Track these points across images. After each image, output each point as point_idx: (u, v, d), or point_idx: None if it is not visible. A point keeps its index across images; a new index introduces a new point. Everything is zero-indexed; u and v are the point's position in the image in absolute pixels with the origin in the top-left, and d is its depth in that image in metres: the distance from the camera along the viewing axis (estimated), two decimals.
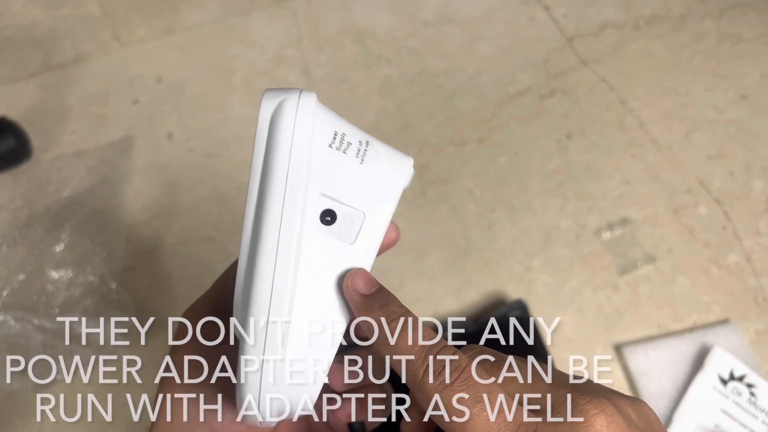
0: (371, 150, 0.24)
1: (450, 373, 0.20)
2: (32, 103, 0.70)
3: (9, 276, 0.56)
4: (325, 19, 0.74)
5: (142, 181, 0.64)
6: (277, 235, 0.22)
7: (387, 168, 0.24)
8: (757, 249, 0.58)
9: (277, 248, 0.22)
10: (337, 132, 0.24)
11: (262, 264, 0.22)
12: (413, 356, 0.21)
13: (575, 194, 0.61)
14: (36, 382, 0.52)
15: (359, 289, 0.23)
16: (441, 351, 0.21)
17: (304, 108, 0.23)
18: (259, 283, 0.22)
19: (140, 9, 0.76)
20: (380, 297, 0.22)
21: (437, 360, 0.20)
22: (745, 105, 0.66)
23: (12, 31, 0.75)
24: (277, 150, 0.22)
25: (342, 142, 0.24)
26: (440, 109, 0.67)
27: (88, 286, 0.57)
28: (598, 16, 0.73)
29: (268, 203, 0.22)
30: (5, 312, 0.53)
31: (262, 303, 0.21)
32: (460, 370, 0.20)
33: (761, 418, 0.49)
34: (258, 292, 0.22)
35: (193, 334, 0.26)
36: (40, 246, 0.58)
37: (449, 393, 0.19)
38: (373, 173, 0.24)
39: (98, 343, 0.54)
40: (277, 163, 0.22)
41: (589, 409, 0.19)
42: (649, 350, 0.52)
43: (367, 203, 0.24)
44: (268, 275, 0.21)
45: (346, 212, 0.23)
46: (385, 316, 0.22)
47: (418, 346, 0.21)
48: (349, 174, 0.23)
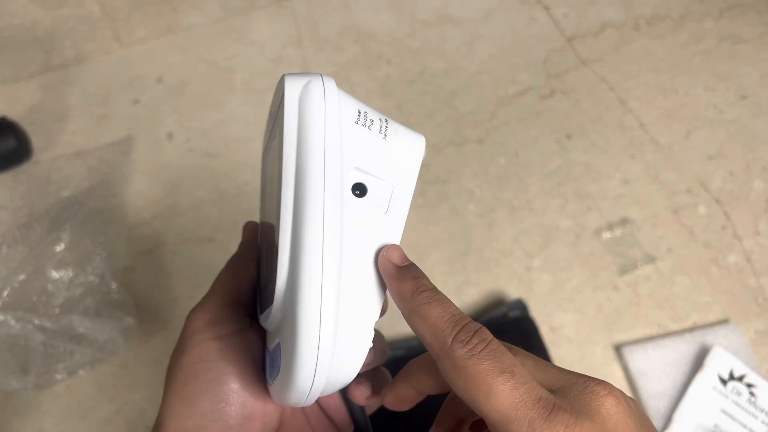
0: (391, 127, 0.25)
1: (477, 343, 0.20)
2: (32, 103, 0.70)
3: (9, 276, 0.56)
4: (325, 19, 0.74)
5: (142, 181, 0.64)
6: (322, 211, 0.22)
7: (406, 143, 0.26)
8: (756, 249, 0.58)
9: (323, 225, 0.21)
10: (360, 110, 0.25)
11: (310, 241, 0.21)
12: (443, 325, 0.21)
13: (575, 194, 0.61)
14: (36, 382, 0.52)
15: (394, 260, 0.23)
16: (468, 324, 0.21)
17: (330, 88, 0.23)
18: (308, 261, 0.21)
19: (140, 9, 0.76)
20: (412, 270, 0.23)
21: (465, 329, 0.21)
22: (745, 105, 0.66)
23: (12, 31, 0.75)
24: (311, 128, 0.22)
25: (366, 119, 0.25)
26: (440, 109, 0.67)
27: (89, 286, 0.57)
28: (598, 16, 0.73)
29: (308, 179, 0.22)
30: (5, 312, 0.53)
31: (314, 281, 0.21)
32: (486, 342, 0.21)
33: (761, 418, 0.49)
34: (308, 269, 0.21)
35: (205, 330, 0.26)
36: (41, 246, 0.58)
37: (477, 361, 0.20)
38: (395, 147, 0.25)
39: (98, 343, 0.54)
40: (312, 141, 0.22)
41: (599, 390, 0.20)
42: (649, 350, 0.52)
43: (394, 175, 0.25)
44: (317, 252, 0.21)
45: (377, 185, 0.24)
46: (417, 287, 0.23)
47: (449, 315, 0.22)
48: (375, 148, 0.24)
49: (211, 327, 0.26)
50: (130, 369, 0.55)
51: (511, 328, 0.53)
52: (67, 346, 0.53)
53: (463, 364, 0.20)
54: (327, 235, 0.21)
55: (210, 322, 0.26)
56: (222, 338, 0.26)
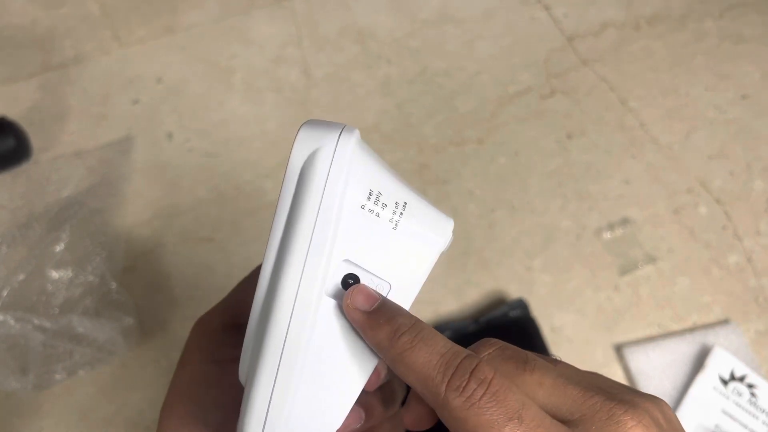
0: (407, 213, 0.22)
1: (476, 389, 0.18)
2: (32, 103, 0.70)
3: (9, 276, 0.56)
4: (325, 18, 0.74)
5: (142, 181, 0.64)
6: (292, 307, 0.20)
7: (422, 235, 0.22)
8: (757, 249, 0.58)
9: (290, 322, 0.20)
10: (372, 191, 0.21)
11: (272, 333, 0.20)
12: (432, 373, 0.19)
13: (575, 194, 0.61)
14: (36, 382, 0.52)
15: (360, 307, 0.21)
16: (462, 363, 0.19)
17: (338, 161, 0.20)
18: (267, 351, 0.20)
19: (140, 9, 0.76)
20: (384, 311, 0.21)
21: (458, 372, 0.18)
22: (746, 105, 0.66)
23: (11, 31, 0.75)
24: (304, 208, 0.20)
25: (377, 203, 0.21)
26: (440, 109, 0.67)
27: (88, 286, 0.56)
28: (599, 16, 0.73)
29: (288, 264, 0.20)
30: (5, 312, 0.53)
31: (269, 371, 0.20)
32: (486, 384, 0.18)
33: (762, 418, 0.49)
34: (266, 360, 0.20)
35: (206, 349, 0.26)
36: (40, 246, 0.58)
37: (477, 411, 0.17)
38: (406, 241, 0.22)
39: (98, 343, 0.54)
40: (302, 223, 0.20)
41: (626, 421, 0.17)
42: (650, 350, 0.52)
43: (395, 273, 0.22)
44: (271, 373, 0.20)
45: (371, 279, 0.22)
46: (394, 331, 0.20)
47: (437, 357, 0.19)
48: (379, 241, 0.21)
49: (210, 346, 0.25)
50: (130, 369, 0.54)
51: (512, 328, 0.53)
52: (66, 346, 0.53)
53: (464, 416, 0.17)
54: (285, 354, 0.20)
55: (212, 340, 0.26)
56: (219, 363, 0.25)
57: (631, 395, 0.19)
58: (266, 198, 0.62)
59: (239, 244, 0.60)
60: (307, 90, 0.69)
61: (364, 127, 0.65)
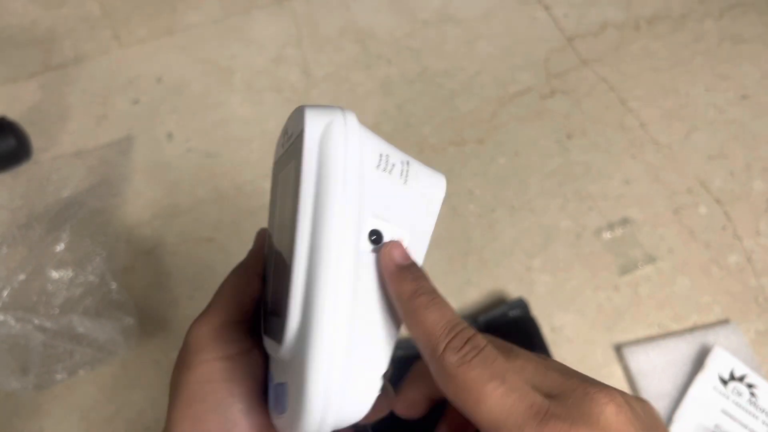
0: (412, 170, 0.25)
1: (469, 350, 0.20)
2: (32, 103, 0.70)
3: (9, 276, 0.56)
4: (325, 19, 0.74)
5: (142, 181, 0.64)
6: (337, 268, 0.21)
7: (427, 187, 0.25)
8: (757, 249, 0.58)
9: (338, 283, 0.21)
10: (382, 153, 0.24)
11: (323, 298, 0.21)
12: (437, 331, 0.21)
13: (575, 194, 0.61)
14: (36, 382, 0.52)
15: (395, 259, 0.23)
16: (463, 330, 0.21)
17: (352, 131, 0.22)
18: (320, 319, 0.21)
19: (140, 9, 0.76)
20: (413, 270, 0.23)
21: (459, 337, 0.21)
22: (746, 105, 0.66)
23: (12, 31, 0.75)
24: (331, 178, 0.22)
25: (387, 162, 0.24)
26: (440, 109, 0.67)
27: (89, 286, 0.57)
28: (599, 16, 0.73)
29: (325, 227, 0.21)
30: (5, 312, 0.53)
31: (325, 338, 0.21)
32: (478, 349, 0.20)
33: (761, 418, 0.49)
34: (320, 325, 0.21)
35: (212, 348, 0.26)
36: (41, 246, 0.58)
37: (467, 368, 0.20)
38: (415, 193, 0.24)
39: (98, 343, 0.54)
40: (332, 193, 0.22)
41: (600, 398, 0.19)
42: (650, 350, 0.52)
43: (410, 223, 0.24)
44: (330, 310, 0.21)
45: (393, 231, 0.24)
46: (416, 289, 0.22)
47: (443, 321, 0.21)
48: (395, 194, 0.24)
49: (216, 345, 0.26)
50: (130, 369, 0.55)
51: (512, 328, 0.53)
52: (67, 346, 0.53)
53: (454, 372, 0.20)
54: (340, 293, 0.21)
55: (215, 339, 0.26)
56: (228, 359, 0.26)
57: (613, 388, 0.21)
58: (266, 198, 0.62)
59: (239, 244, 0.60)
60: (307, 90, 0.69)
61: None
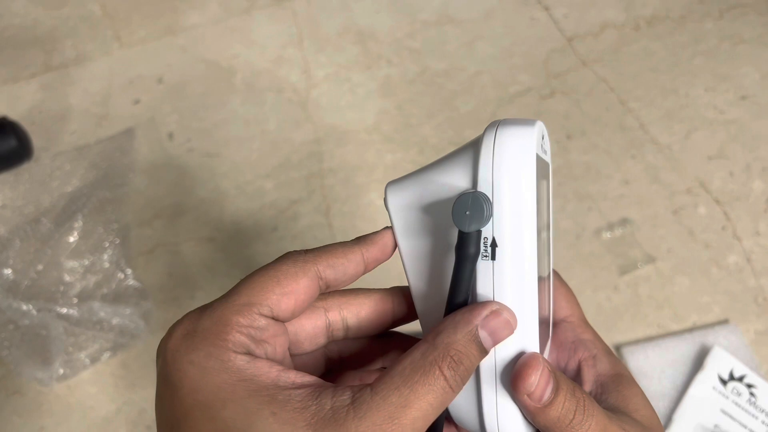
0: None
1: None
2: (33, 103, 0.70)
3: (26, 268, 0.57)
4: (325, 19, 0.75)
5: (142, 181, 0.64)
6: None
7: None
8: (756, 249, 0.58)
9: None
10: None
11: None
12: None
13: (575, 194, 0.61)
14: (61, 372, 0.53)
15: (537, 395, 0.21)
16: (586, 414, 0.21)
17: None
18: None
19: (141, 9, 0.76)
20: (561, 397, 0.21)
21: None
22: (745, 105, 0.66)
23: (13, 31, 0.75)
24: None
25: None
26: (440, 109, 0.67)
27: (105, 272, 0.58)
28: (598, 17, 0.73)
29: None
30: (27, 302, 0.54)
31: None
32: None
33: (761, 418, 0.49)
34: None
35: (230, 346, 0.21)
36: (54, 238, 0.59)
37: None
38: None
39: (120, 327, 0.55)
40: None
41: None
42: (649, 350, 0.52)
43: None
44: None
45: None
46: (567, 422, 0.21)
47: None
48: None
49: (240, 341, 0.21)
50: (131, 369, 0.55)
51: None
52: (88, 333, 0.54)
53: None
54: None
55: (236, 334, 0.21)
56: (249, 354, 0.22)
57: None
58: (266, 198, 0.63)
59: (239, 244, 0.61)
60: (308, 90, 0.69)
61: (364, 127, 0.66)
